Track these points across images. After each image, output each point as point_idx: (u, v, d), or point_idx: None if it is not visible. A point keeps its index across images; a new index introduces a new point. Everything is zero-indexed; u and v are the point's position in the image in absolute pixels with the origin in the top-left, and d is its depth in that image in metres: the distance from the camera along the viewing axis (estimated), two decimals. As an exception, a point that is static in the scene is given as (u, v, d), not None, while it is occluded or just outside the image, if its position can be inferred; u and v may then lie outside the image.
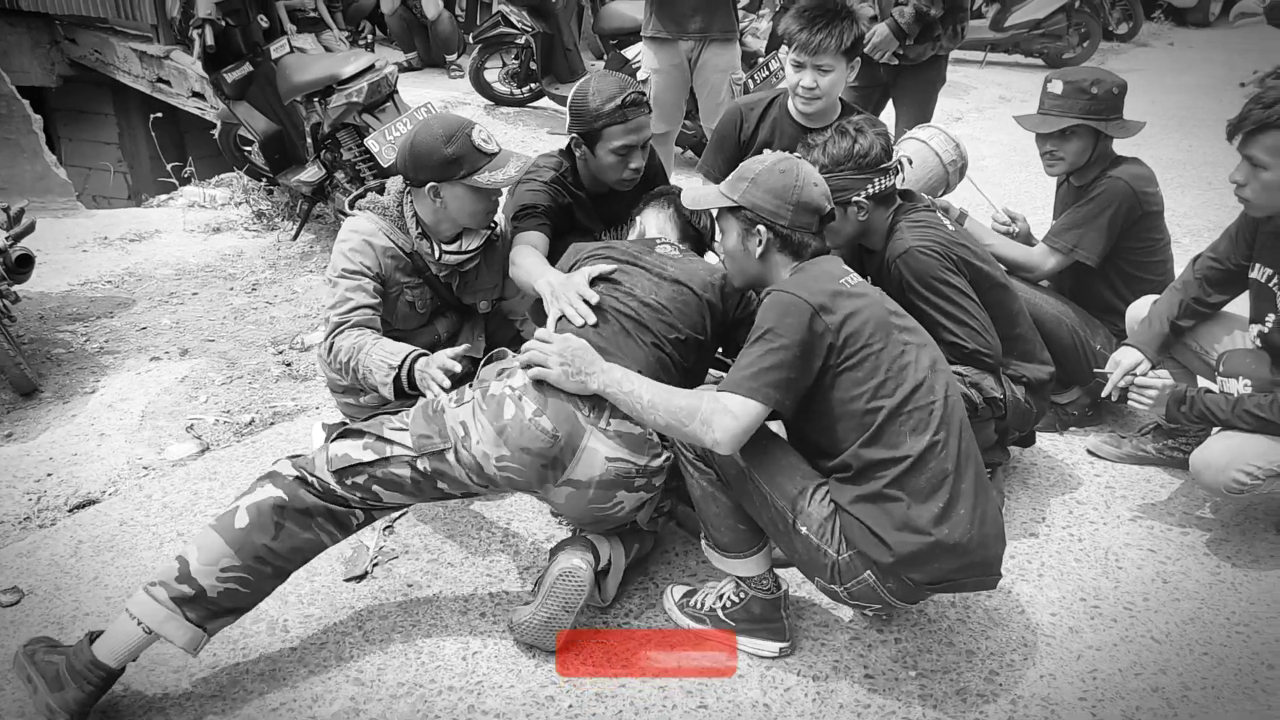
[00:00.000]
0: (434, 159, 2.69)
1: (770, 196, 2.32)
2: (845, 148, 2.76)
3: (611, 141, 2.93)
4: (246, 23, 5.18)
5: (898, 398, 2.17)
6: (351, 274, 2.78)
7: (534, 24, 6.90)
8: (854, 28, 3.26)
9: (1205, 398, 2.76)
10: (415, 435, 2.32)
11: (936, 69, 4.77)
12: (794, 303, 2.18)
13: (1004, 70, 11.42)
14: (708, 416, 2.15)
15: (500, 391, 2.32)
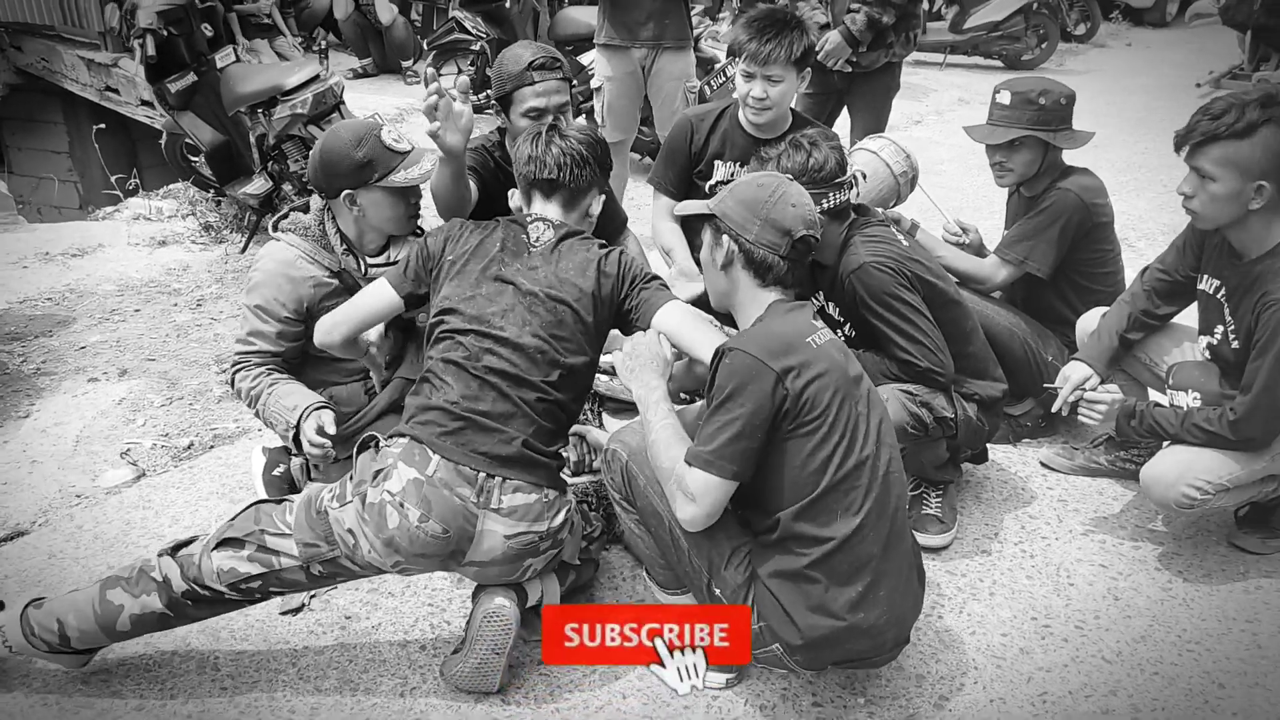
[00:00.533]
0: (345, 165, 2.60)
1: (740, 207, 2.23)
2: (799, 161, 2.69)
3: (522, 104, 2.93)
4: (190, 32, 5.07)
5: (839, 474, 2.09)
6: (261, 312, 2.70)
7: (488, 30, 6.83)
8: (804, 38, 3.22)
9: (1154, 412, 2.74)
10: (301, 544, 2.22)
11: (890, 76, 4.74)
12: (756, 369, 2.07)
13: (964, 72, 11.46)
14: (673, 493, 2.14)
15: (380, 499, 2.17)
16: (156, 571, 2.27)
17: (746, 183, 2.27)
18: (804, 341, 2.14)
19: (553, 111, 2.95)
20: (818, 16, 4.63)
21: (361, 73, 8.58)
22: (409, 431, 2.25)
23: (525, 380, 2.27)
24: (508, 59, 2.99)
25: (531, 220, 2.47)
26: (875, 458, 2.13)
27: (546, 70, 2.94)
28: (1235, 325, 2.73)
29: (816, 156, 2.70)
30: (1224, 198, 2.57)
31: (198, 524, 2.98)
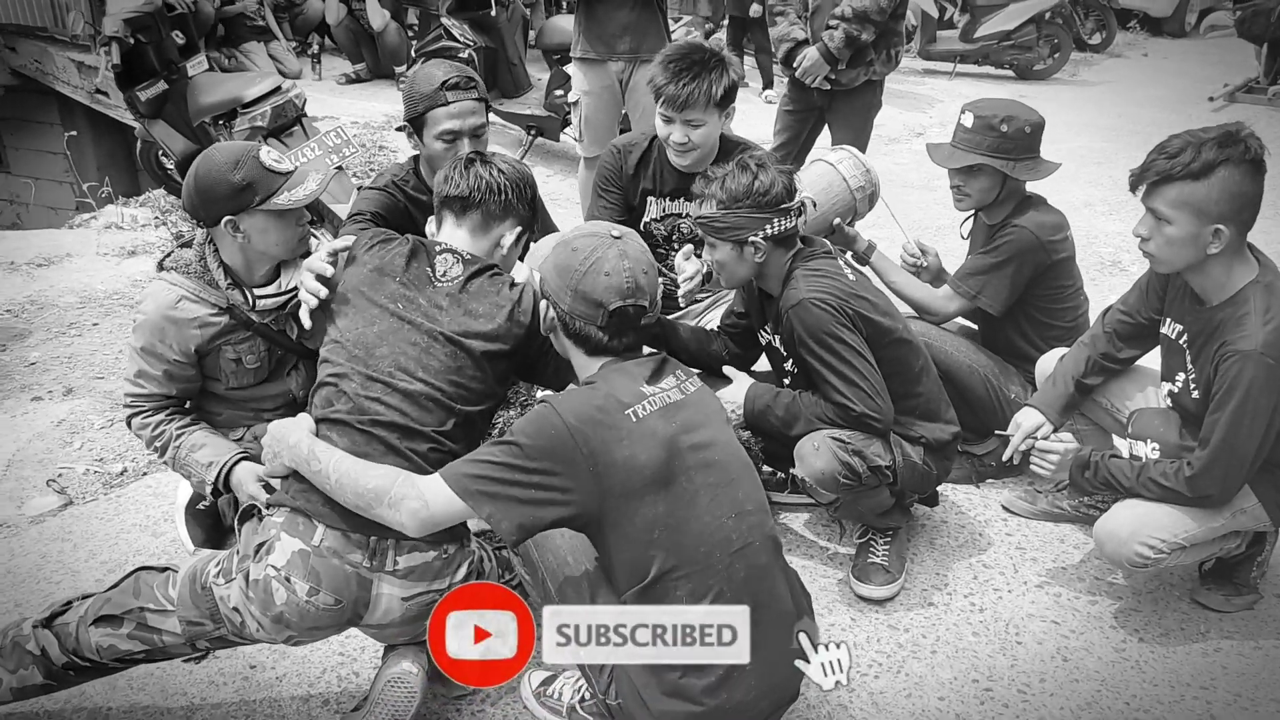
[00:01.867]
0: (223, 189, 2.41)
1: (555, 274, 2.06)
2: (744, 183, 2.54)
3: (436, 126, 2.81)
4: (159, 39, 4.99)
5: (671, 559, 1.93)
6: (145, 354, 2.59)
7: (476, 38, 6.71)
8: (724, 77, 3.01)
9: (1110, 463, 2.60)
10: (185, 622, 2.10)
11: (871, 93, 4.60)
12: (555, 427, 1.91)
13: (973, 82, 11.26)
14: (397, 499, 1.94)
15: (264, 575, 2.02)
16: (32, 644, 2.16)
17: (564, 243, 2.09)
18: (626, 411, 1.94)
19: (468, 134, 2.84)
20: (795, 32, 4.50)
21: (354, 78, 8.49)
22: (288, 502, 2.10)
23: (417, 431, 2.12)
24: (419, 78, 2.86)
25: (440, 251, 2.31)
26: (730, 533, 1.97)
27: (461, 90, 2.82)
28: (1196, 374, 2.58)
29: (763, 179, 2.55)
30: (1180, 241, 2.43)
31: (115, 559, 2.88)
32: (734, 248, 2.59)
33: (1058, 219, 3.14)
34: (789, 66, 4.57)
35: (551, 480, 1.89)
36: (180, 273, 2.59)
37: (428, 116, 2.82)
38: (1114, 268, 5.48)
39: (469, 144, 2.83)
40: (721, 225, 2.57)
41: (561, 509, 1.91)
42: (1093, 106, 10.03)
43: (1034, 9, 11.00)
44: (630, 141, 3.37)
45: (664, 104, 3.01)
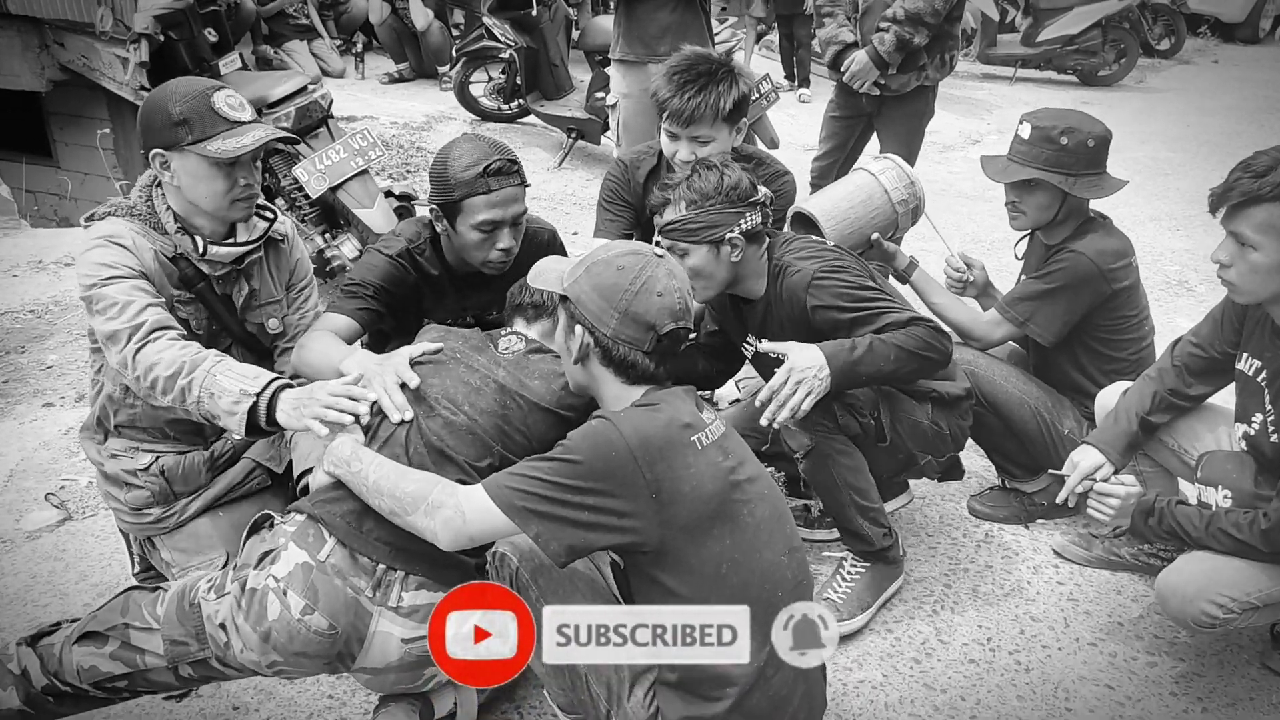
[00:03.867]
0: (159, 119, 2.17)
1: (596, 295, 1.88)
2: (713, 180, 2.41)
3: (473, 215, 2.45)
4: (191, 37, 4.87)
5: (739, 598, 1.79)
6: (117, 272, 2.15)
7: (517, 38, 6.56)
8: (733, 89, 2.78)
9: (1176, 511, 2.35)
10: (168, 641, 1.95)
11: (923, 100, 4.35)
12: (615, 446, 1.75)
13: (1034, 88, 10.92)
14: (434, 506, 1.81)
15: (262, 585, 1.89)
16: (15, 662, 2.03)
17: (605, 262, 1.91)
18: (683, 433, 1.80)
19: (509, 223, 2.49)
20: (844, 34, 4.27)
21: (397, 77, 8.39)
22: (307, 508, 1.97)
23: (449, 458, 1.98)
24: (454, 159, 2.47)
25: (506, 333, 2.24)
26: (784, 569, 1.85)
27: (503, 176, 2.45)
28: (1275, 415, 2.32)
29: (729, 175, 2.43)
30: (1266, 269, 2.18)
31: (106, 581, 2.74)
32: (710, 249, 2.43)
33: (1120, 244, 2.88)
34: (836, 70, 4.34)
35: (608, 502, 1.74)
36: (120, 216, 2.26)
37: (464, 204, 2.46)
38: (1180, 288, 5.17)
39: (508, 234, 2.50)
40: (696, 226, 2.41)
41: (616, 535, 1.77)
42: (1160, 115, 9.65)
43: (1100, 13, 10.62)
44: (638, 155, 3.16)
45: (669, 119, 2.80)
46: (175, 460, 2.41)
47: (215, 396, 2.04)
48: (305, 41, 8.09)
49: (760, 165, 3.07)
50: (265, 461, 2.48)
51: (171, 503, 2.40)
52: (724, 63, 2.84)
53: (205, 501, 2.42)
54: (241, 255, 2.37)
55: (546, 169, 6.71)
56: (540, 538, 1.75)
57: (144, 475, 2.38)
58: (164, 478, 2.38)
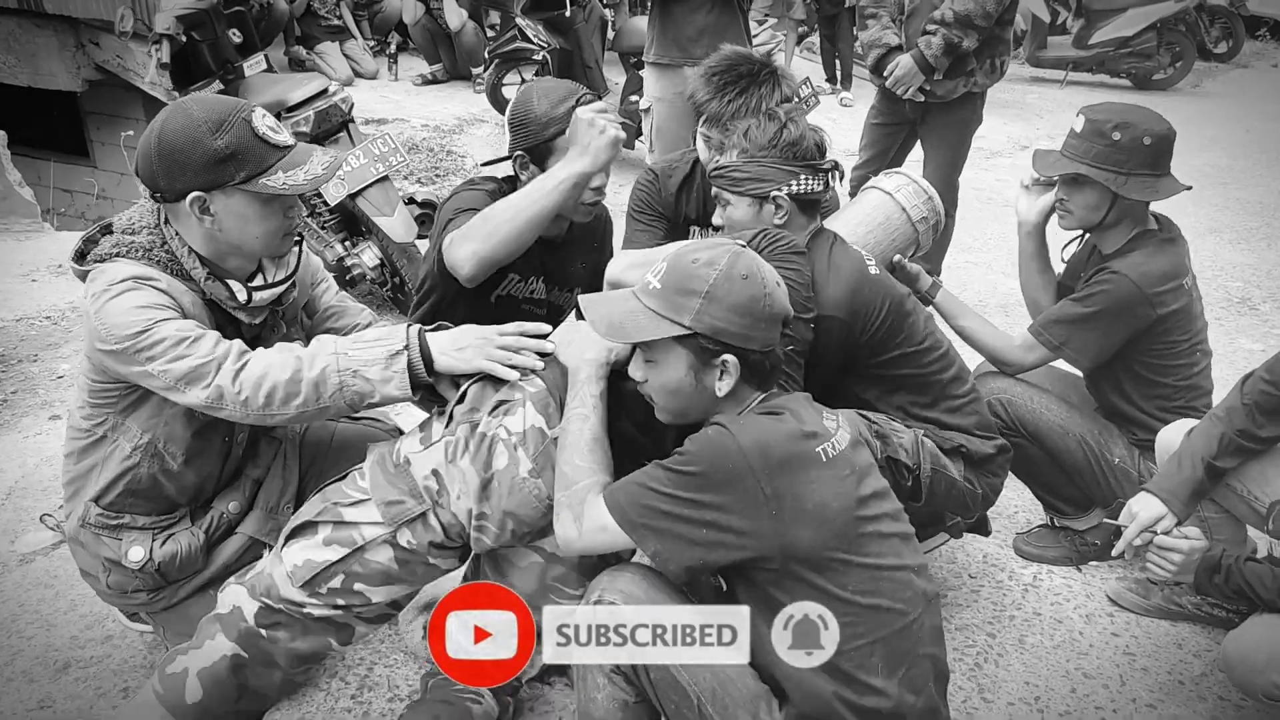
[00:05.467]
0: (197, 156, 1.87)
1: (736, 316, 1.70)
2: (771, 131, 2.27)
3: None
4: (214, 38, 4.76)
5: (864, 622, 1.65)
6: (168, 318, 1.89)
7: (550, 39, 6.40)
8: (776, 90, 2.62)
9: (1246, 569, 2.12)
10: (382, 504, 1.85)
11: (970, 108, 4.14)
12: (733, 457, 1.62)
13: (1086, 91, 10.58)
14: (563, 502, 1.75)
15: (493, 432, 1.84)
16: (220, 606, 1.92)
17: (722, 281, 1.70)
18: (809, 444, 1.66)
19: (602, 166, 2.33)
20: (888, 37, 4.07)
21: (431, 79, 8.27)
22: (549, 382, 1.92)
23: None
24: (539, 99, 2.37)
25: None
26: (918, 588, 1.71)
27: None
28: None
29: (792, 130, 2.27)
30: None
31: (96, 613, 2.59)
32: (752, 204, 2.30)
33: (1171, 264, 2.62)
34: (879, 75, 4.13)
35: (726, 519, 1.63)
36: (133, 260, 1.96)
37: (558, 143, 2.34)
38: (1243, 306, 4.89)
39: (602, 174, 2.35)
40: (741, 175, 2.28)
41: (735, 552, 1.65)
42: (1218, 121, 9.30)
43: (1155, 15, 10.29)
44: (671, 163, 2.96)
45: (706, 123, 2.62)
46: (170, 552, 2.14)
47: (359, 372, 1.89)
48: (338, 42, 8.00)
49: None
50: (264, 538, 2.25)
51: (162, 589, 2.18)
52: (765, 63, 2.68)
53: (197, 584, 2.20)
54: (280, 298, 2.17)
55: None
56: (658, 556, 1.67)
57: (136, 571, 2.14)
58: (159, 573, 2.15)
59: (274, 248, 2.05)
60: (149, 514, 2.16)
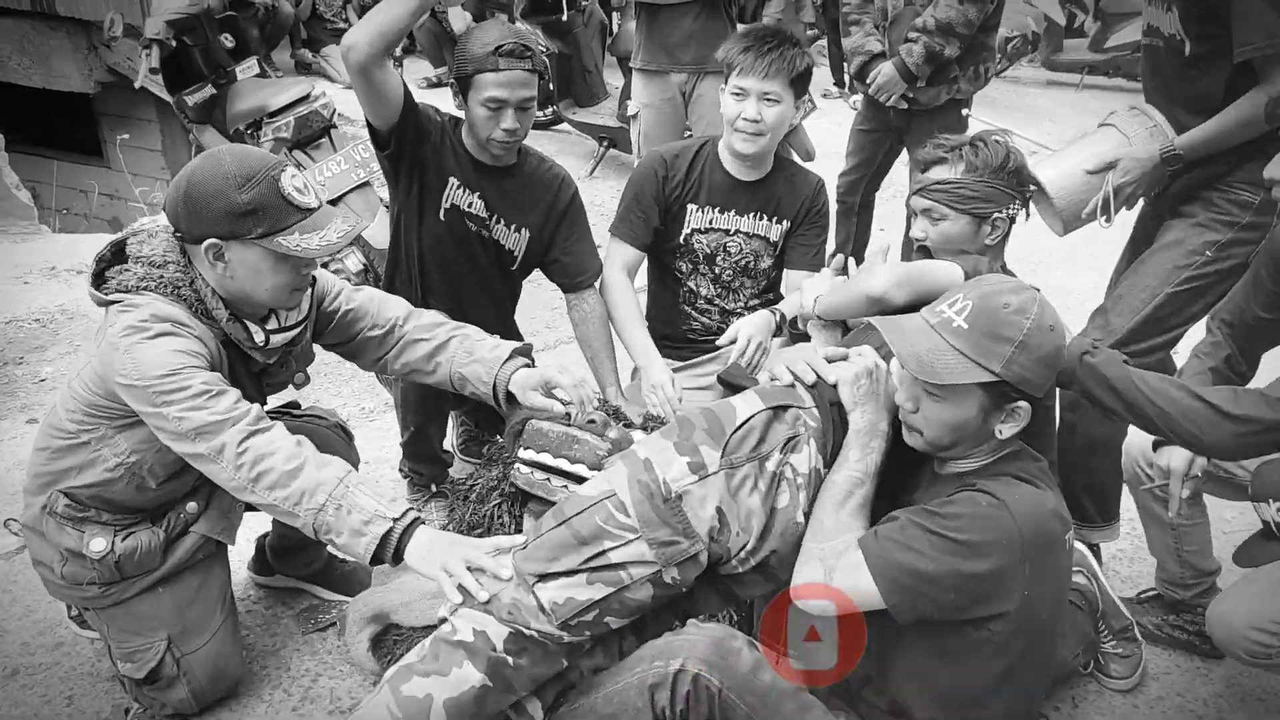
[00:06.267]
0: (219, 206, 1.93)
1: (1043, 368, 1.76)
2: (1000, 154, 2.29)
3: (482, 91, 2.62)
4: (206, 42, 4.80)
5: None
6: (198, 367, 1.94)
7: (549, 44, 6.39)
8: (805, 57, 2.78)
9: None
10: (656, 544, 1.75)
11: (954, 115, 4.09)
12: (1009, 537, 1.68)
13: (1101, 95, 10.45)
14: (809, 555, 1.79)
15: (779, 470, 1.82)
16: (461, 631, 1.82)
17: (1036, 331, 1.73)
18: (1064, 539, 1.78)
19: (514, 105, 2.65)
20: (871, 44, 4.03)
21: (435, 81, 8.28)
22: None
23: None
24: (474, 38, 2.66)
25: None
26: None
27: (514, 59, 2.62)
28: None
29: (1016, 157, 2.33)
30: None
31: (50, 617, 2.61)
32: (971, 222, 2.31)
33: None
34: (863, 82, 4.10)
35: (982, 588, 1.70)
36: (160, 293, 2.00)
37: (475, 79, 2.64)
38: None
39: (513, 116, 2.66)
40: (969, 194, 2.28)
41: (973, 612, 1.73)
42: (1234, 125, 9.15)
43: (1173, 17, 10.15)
44: (676, 147, 3.09)
45: (740, 74, 2.75)
46: (131, 547, 2.16)
47: (344, 510, 1.89)
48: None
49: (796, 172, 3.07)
50: (217, 535, 2.28)
51: (116, 583, 2.19)
52: (792, 34, 2.85)
53: (149, 581, 2.21)
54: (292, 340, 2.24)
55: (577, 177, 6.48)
56: (896, 608, 1.71)
57: (95, 563, 2.15)
58: (117, 567, 2.16)
59: (281, 301, 2.11)
60: (114, 513, 2.18)
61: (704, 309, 3.11)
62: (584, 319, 3.01)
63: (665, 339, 3.13)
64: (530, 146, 2.98)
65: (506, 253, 2.94)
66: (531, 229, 2.93)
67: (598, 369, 2.99)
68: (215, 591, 2.29)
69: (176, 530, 2.23)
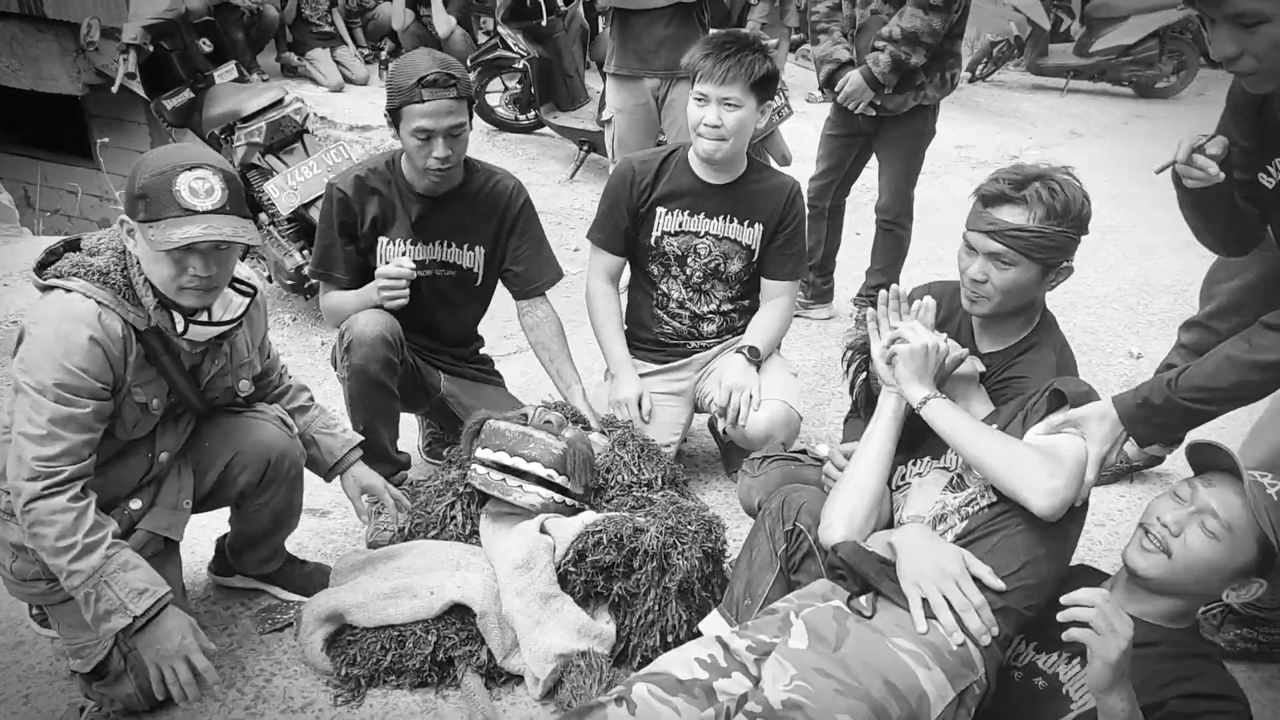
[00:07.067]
0: (131, 186, 2.05)
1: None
2: (1077, 197, 2.14)
3: (411, 122, 2.70)
4: (184, 47, 4.83)
5: None
6: (69, 392, 1.99)
7: (530, 49, 6.44)
8: (766, 63, 2.85)
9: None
10: None
11: (922, 120, 4.14)
12: None
13: (1085, 100, 10.55)
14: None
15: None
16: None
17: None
18: None
19: (442, 134, 2.71)
20: (839, 53, 4.08)
21: (421, 85, 8.33)
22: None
23: None
24: (399, 70, 2.74)
25: None
26: None
27: (438, 88, 2.67)
28: None
29: (1090, 203, 2.17)
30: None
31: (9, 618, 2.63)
32: (1041, 270, 2.17)
33: None
34: (831, 90, 4.14)
35: None
36: (91, 282, 2.07)
37: (403, 111, 2.71)
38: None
39: (444, 144, 2.72)
40: (1048, 244, 2.12)
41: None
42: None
43: (1157, 22, 10.23)
44: (646, 155, 3.20)
45: (700, 80, 2.85)
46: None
47: (94, 598, 2.02)
48: (329, 49, 8.08)
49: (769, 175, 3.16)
50: (163, 532, 2.33)
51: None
52: (756, 40, 2.93)
53: None
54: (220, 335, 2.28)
55: (558, 181, 6.58)
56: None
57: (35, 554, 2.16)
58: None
59: (173, 294, 2.11)
60: None
61: (675, 312, 3.18)
62: (537, 324, 3.07)
63: (639, 341, 3.26)
64: (479, 162, 3.04)
65: (466, 271, 3.03)
66: (485, 245, 3.02)
67: (559, 371, 3.04)
68: None
69: (122, 527, 2.26)
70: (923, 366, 2.10)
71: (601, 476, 2.70)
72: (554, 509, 2.55)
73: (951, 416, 2.04)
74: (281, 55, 8.11)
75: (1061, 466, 1.89)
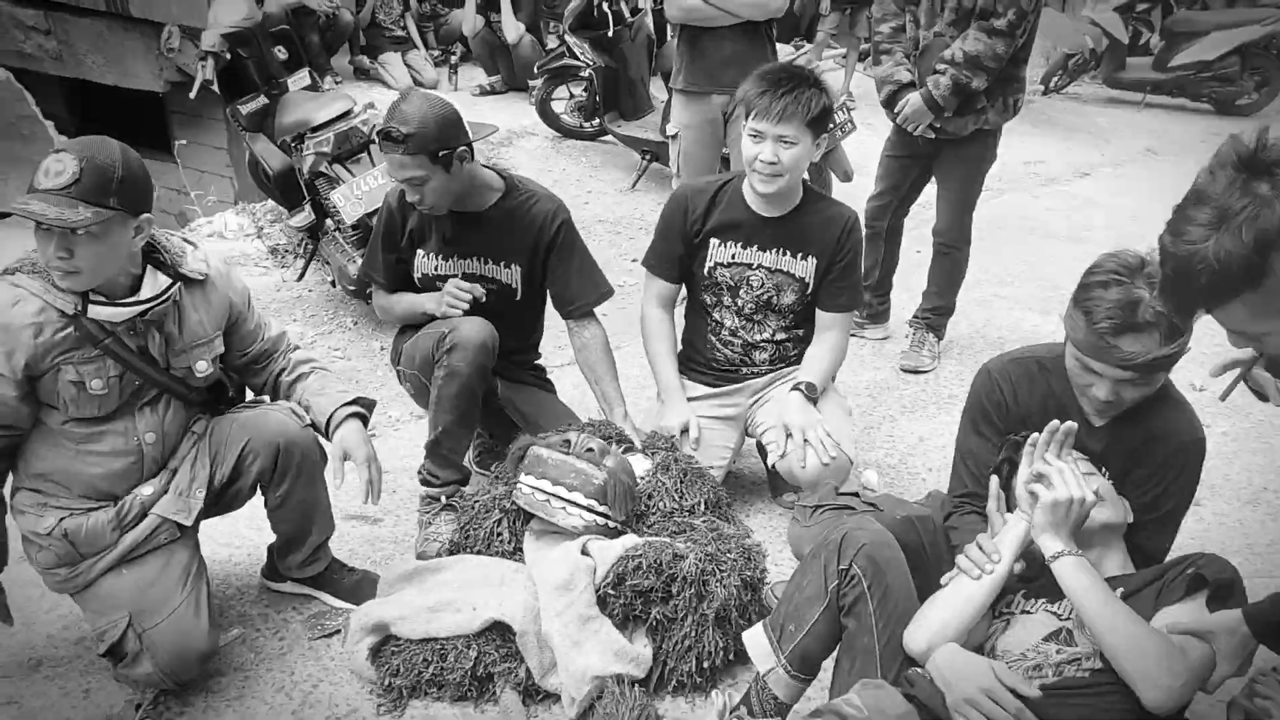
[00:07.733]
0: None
1: None
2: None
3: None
4: (260, 55, 4.97)
5: None
6: None
7: (596, 57, 6.50)
8: (822, 97, 2.84)
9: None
10: None
11: (983, 145, 4.10)
12: None
13: (1163, 115, 10.29)
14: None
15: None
16: None
17: None
18: None
19: (403, 183, 2.85)
20: (900, 74, 4.05)
21: (489, 89, 8.44)
22: None
23: None
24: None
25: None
26: None
27: (389, 142, 2.77)
28: None
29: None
30: None
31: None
32: (1152, 383, 2.11)
33: None
34: (892, 110, 4.12)
35: None
36: (26, 273, 2.19)
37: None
38: None
39: (413, 191, 2.85)
40: (1169, 362, 2.06)
41: None
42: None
43: (1240, 38, 9.93)
44: (701, 184, 3.22)
45: (756, 117, 2.84)
46: (78, 523, 2.35)
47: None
48: (400, 53, 8.23)
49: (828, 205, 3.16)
50: (173, 516, 2.43)
51: (77, 564, 2.37)
52: (811, 74, 2.92)
53: (110, 561, 2.37)
54: (143, 312, 2.26)
55: (619, 190, 6.63)
56: None
57: (47, 538, 2.34)
58: (68, 540, 2.34)
59: (51, 269, 2.13)
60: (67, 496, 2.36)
61: (727, 340, 3.20)
62: (584, 346, 3.12)
63: (693, 364, 3.28)
64: (524, 181, 3.12)
65: (505, 286, 3.10)
66: (521, 264, 3.08)
67: (604, 393, 3.08)
68: (177, 572, 2.41)
69: (133, 513, 2.39)
70: (1063, 520, 1.94)
71: (643, 503, 2.73)
72: (596, 531, 2.60)
73: (1083, 580, 1.90)
74: (355, 58, 8.28)
75: (1185, 665, 1.79)
